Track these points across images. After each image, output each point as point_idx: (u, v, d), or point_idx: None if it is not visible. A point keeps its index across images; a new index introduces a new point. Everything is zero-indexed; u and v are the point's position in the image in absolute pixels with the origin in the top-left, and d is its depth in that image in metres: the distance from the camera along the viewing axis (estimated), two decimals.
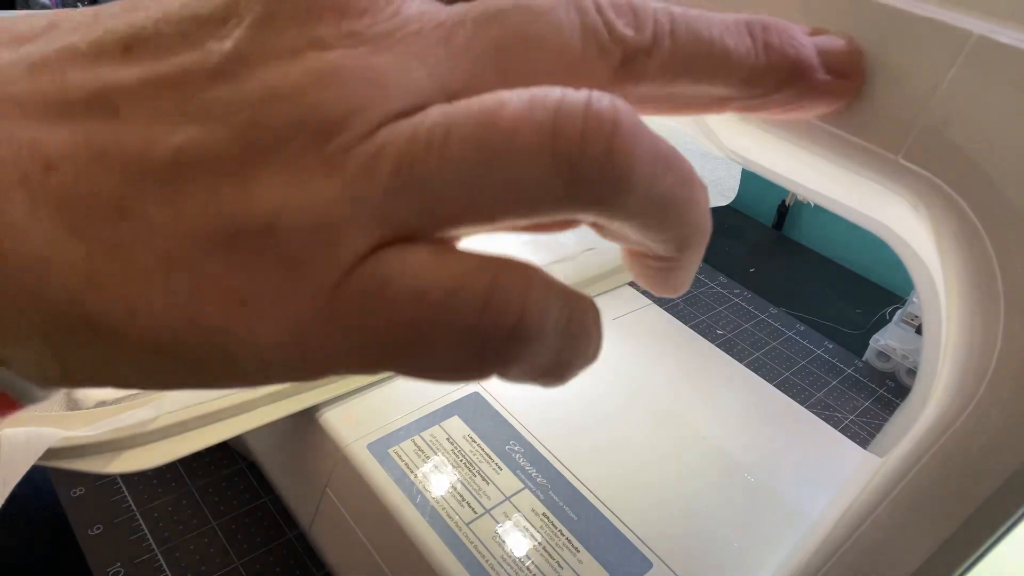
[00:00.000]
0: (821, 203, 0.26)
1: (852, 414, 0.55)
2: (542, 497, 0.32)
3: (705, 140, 0.28)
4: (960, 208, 0.17)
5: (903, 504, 0.19)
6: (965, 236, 0.17)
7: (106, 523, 0.40)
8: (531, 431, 0.35)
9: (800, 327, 0.64)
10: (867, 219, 0.24)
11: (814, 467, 0.37)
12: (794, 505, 0.35)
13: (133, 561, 0.38)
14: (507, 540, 0.30)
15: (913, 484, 0.19)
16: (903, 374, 0.60)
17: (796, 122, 0.20)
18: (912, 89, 0.18)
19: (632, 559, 0.30)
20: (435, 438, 0.34)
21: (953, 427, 0.18)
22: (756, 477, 0.36)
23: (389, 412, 0.35)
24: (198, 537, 0.40)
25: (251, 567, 0.39)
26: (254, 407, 0.32)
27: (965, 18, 0.16)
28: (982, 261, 0.17)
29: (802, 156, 0.22)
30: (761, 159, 0.26)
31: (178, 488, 0.42)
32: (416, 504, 0.31)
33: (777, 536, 0.33)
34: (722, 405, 0.40)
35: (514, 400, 0.37)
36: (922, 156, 0.18)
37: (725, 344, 0.60)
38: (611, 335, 0.43)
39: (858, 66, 0.18)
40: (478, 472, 0.33)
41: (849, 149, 0.19)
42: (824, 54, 0.17)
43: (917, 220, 0.19)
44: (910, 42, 0.17)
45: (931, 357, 0.20)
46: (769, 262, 0.76)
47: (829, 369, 0.60)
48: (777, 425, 0.39)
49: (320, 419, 0.34)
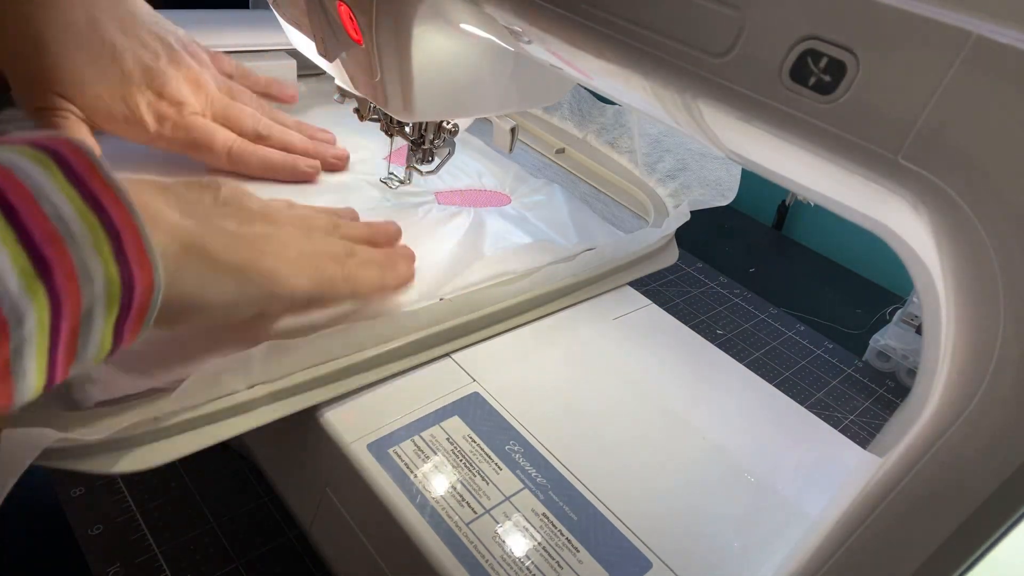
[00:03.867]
0: (821, 203, 0.26)
1: (852, 414, 0.55)
2: (542, 497, 0.32)
3: (705, 140, 0.28)
4: (960, 208, 0.17)
5: (903, 504, 0.19)
6: (965, 236, 0.17)
7: (106, 523, 0.40)
8: (531, 431, 0.35)
9: (800, 327, 0.64)
10: (867, 219, 0.24)
11: (814, 467, 0.37)
12: (794, 505, 0.35)
13: (133, 561, 0.38)
14: (507, 540, 0.30)
15: (913, 484, 0.19)
16: (903, 374, 0.60)
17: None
18: (912, 89, 0.18)
19: (632, 559, 0.30)
20: (435, 438, 0.34)
21: (953, 427, 0.18)
22: (756, 477, 0.36)
23: (389, 412, 0.35)
24: (198, 537, 0.40)
25: (251, 567, 0.39)
26: (254, 407, 0.32)
27: (965, 18, 0.16)
28: (982, 261, 0.17)
29: (802, 156, 0.22)
30: (761, 159, 0.26)
31: (178, 488, 0.42)
32: (416, 504, 0.31)
33: (777, 536, 0.33)
34: (722, 405, 0.40)
35: (514, 400, 0.37)
36: (922, 156, 0.18)
37: (725, 344, 0.60)
38: (611, 335, 0.43)
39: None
40: (478, 472, 0.33)
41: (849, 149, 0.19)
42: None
43: (917, 220, 0.19)
44: (910, 42, 0.17)
45: (931, 357, 0.20)
46: (769, 262, 0.76)
47: (829, 369, 0.60)
48: (777, 425, 0.39)
49: (320, 419, 0.34)
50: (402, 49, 0.35)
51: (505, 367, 0.39)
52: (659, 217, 0.53)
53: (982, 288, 0.17)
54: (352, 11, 0.35)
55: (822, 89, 0.19)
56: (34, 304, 0.22)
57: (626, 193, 0.57)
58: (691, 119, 0.26)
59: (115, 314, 0.25)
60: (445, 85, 0.38)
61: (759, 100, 0.21)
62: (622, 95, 0.30)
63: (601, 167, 0.59)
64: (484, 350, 0.40)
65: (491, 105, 0.41)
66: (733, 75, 0.21)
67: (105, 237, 0.23)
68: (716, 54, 0.21)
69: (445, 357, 0.39)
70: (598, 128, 0.61)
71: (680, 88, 0.24)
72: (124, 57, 0.42)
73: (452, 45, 0.36)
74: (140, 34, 0.43)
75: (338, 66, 0.41)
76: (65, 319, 0.23)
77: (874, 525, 0.20)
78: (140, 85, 0.43)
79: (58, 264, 0.22)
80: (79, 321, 0.23)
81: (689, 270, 0.70)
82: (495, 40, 0.35)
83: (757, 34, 0.20)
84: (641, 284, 0.49)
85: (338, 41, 0.38)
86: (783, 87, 0.20)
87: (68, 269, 0.22)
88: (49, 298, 0.22)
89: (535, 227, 0.50)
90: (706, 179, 0.54)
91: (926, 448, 0.19)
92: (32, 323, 0.22)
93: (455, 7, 0.33)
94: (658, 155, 0.57)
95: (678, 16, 0.22)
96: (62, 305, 0.22)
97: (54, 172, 0.23)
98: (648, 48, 0.23)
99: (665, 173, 0.56)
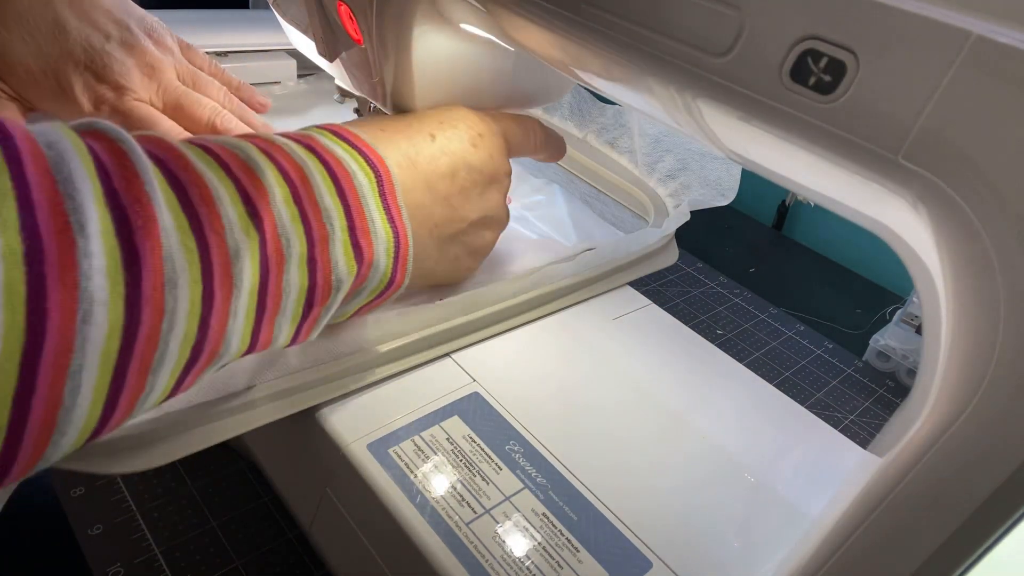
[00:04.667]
0: (821, 203, 0.26)
1: (852, 414, 0.55)
2: (542, 497, 0.32)
3: (705, 140, 0.28)
4: (960, 208, 0.17)
5: (903, 504, 0.19)
6: (965, 236, 0.17)
7: (106, 523, 0.40)
8: (531, 431, 0.35)
9: (800, 327, 0.64)
10: (867, 219, 0.24)
11: (814, 467, 0.37)
12: (794, 505, 0.35)
13: (133, 561, 0.38)
14: (507, 540, 0.30)
15: (913, 484, 0.19)
16: (903, 374, 0.60)
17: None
18: (912, 89, 0.18)
19: (632, 559, 0.30)
20: (435, 438, 0.34)
21: (953, 427, 0.18)
22: (756, 477, 0.36)
23: (389, 412, 0.35)
24: (198, 537, 0.40)
25: (251, 567, 0.39)
26: (254, 407, 0.32)
27: (965, 18, 0.16)
28: (982, 261, 0.17)
29: (802, 156, 0.22)
30: (761, 159, 0.26)
31: (178, 488, 0.42)
32: (416, 504, 0.31)
33: (777, 536, 0.33)
34: (722, 405, 0.40)
35: (514, 400, 0.37)
36: (922, 156, 0.18)
37: (725, 344, 0.60)
38: (611, 335, 0.43)
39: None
40: (478, 472, 0.33)
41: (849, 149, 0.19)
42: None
43: (917, 220, 0.19)
44: (910, 42, 0.17)
45: (931, 357, 0.20)
46: (769, 262, 0.76)
47: (829, 369, 0.60)
48: (777, 425, 0.39)
49: (320, 419, 0.34)
50: (402, 49, 0.35)
51: (505, 367, 0.39)
52: (659, 217, 0.53)
53: (982, 288, 0.17)
54: (352, 11, 0.35)
55: (822, 89, 0.19)
56: (347, 279, 0.30)
57: (626, 193, 0.57)
58: (691, 119, 0.26)
59: (369, 300, 0.33)
60: (445, 85, 0.38)
61: (759, 100, 0.21)
62: (622, 95, 0.30)
63: (601, 167, 0.59)
64: (484, 350, 0.40)
65: (491, 105, 0.41)
66: (733, 75, 0.21)
67: (394, 248, 0.32)
68: (716, 54, 0.21)
69: (445, 357, 0.39)
70: (598, 128, 0.61)
71: (680, 88, 0.24)
72: (68, 36, 0.40)
73: (452, 45, 0.36)
74: (94, 15, 0.41)
75: (338, 66, 0.41)
76: (351, 292, 0.31)
77: (874, 525, 0.20)
78: (79, 66, 0.41)
79: (369, 252, 0.30)
80: (352, 296, 0.32)
81: (689, 270, 0.70)
82: (495, 40, 0.35)
83: (757, 34, 0.20)
84: (641, 284, 0.49)
85: (338, 41, 0.38)
86: (783, 87, 0.20)
87: (369, 259, 0.31)
88: (357, 274, 0.30)
89: (535, 227, 0.50)
90: (706, 179, 0.54)
91: (926, 448, 0.19)
92: (342, 294, 0.30)
93: (455, 7, 0.33)
94: (658, 155, 0.57)
95: (678, 16, 0.22)
96: (354, 284, 0.30)
97: (376, 193, 0.32)
98: (648, 48, 0.23)
99: (665, 173, 0.56)
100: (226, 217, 0.24)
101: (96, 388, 0.20)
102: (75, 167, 0.19)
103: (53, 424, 0.19)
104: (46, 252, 0.18)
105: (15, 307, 0.17)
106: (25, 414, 0.18)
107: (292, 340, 0.30)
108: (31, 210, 0.18)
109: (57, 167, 0.19)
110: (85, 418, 0.20)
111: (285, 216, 0.27)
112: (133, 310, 0.20)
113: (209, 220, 0.23)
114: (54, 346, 0.18)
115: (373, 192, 0.31)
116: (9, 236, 0.17)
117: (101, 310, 0.19)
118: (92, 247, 0.19)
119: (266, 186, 0.26)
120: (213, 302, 0.23)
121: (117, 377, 0.21)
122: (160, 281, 0.21)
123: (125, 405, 0.22)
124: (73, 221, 0.19)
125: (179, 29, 0.46)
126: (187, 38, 0.46)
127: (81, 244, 0.19)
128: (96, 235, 0.19)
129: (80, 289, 0.19)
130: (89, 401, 0.20)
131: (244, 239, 0.25)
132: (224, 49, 0.55)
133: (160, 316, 0.21)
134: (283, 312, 0.27)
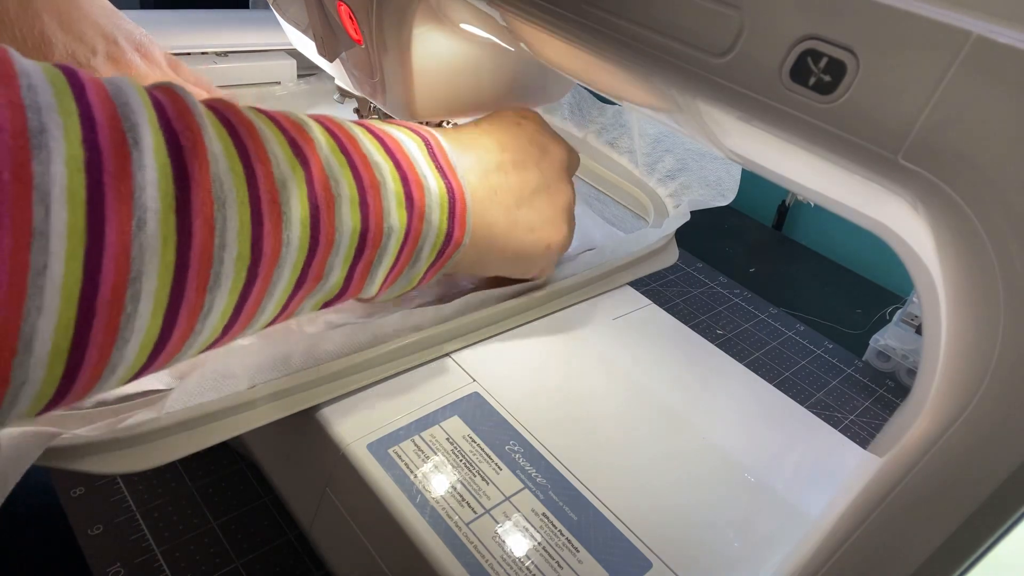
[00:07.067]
0: (821, 203, 0.26)
1: (852, 414, 0.55)
2: (542, 497, 0.32)
3: (705, 140, 0.28)
4: (960, 208, 0.17)
5: (903, 504, 0.19)
6: (965, 236, 0.17)
7: (106, 523, 0.40)
8: (531, 431, 0.35)
9: (800, 327, 0.64)
10: (867, 219, 0.24)
11: (814, 467, 0.37)
12: (794, 505, 0.35)
13: (133, 561, 0.38)
14: (507, 540, 0.30)
15: (913, 484, 0.19)
16: (903, 374, 0.60)
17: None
18: (912, 89, 0.18)
19: (632, 559, 0.30)
20: (435, 438, 0.34)
21: (953, 427, 0.18)
22: (756, 477, 0.36)
23: (389, 412, 0.35)
24: (198, 537, 0.40)
25: (251, 567, 0.39)
26: (254, 407, 0.32)
27: (965, 18, 0.16)
28: (982, 261, 0.17)
29: (802, 156, 0.22)
30: (761, 159, 0.26)
31: (178, 488, 0.42)
32: (416, 504, 0.31)
33: (777, 536, 0.33)
34: (722, 405, 0.40)
35: (514, 400, 0.37)
36: (922, 156, 0.18)
37: (725, 344, 0.60)
38: (611, 335, 0.43)
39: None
40: (478, 472, 0.33)
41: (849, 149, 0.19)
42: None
43: (917, 220, 0.19)
44: (910, 42, 0.17)
45: (931, 357, 0.20)
46: (769, 262, 0.76)
47: (829, 369, 0.60)
48: (777, 425, 0.39)
49: (320, 419, 0.34)
50: (402, 49, 0.35)
51: (505, 367, 0.39)
52: (659, 217, 0.53)
53: (982, 288, 0.17)
54: (352, 11, 0.35)
55: (822, 89, 0.19)
56: (398, 228, 0.31)
57: (626, 193, 0.57)
58: (691, 119, 0.26)
59: (432, 259, 0.34)
60: (445, 85, 0.38)
61: (759, 100, 0.21)
62: (622, 95, 0.30)
63: (601, 167, 0.59)
64: (484, 350, 0.40)
65: (491, 105, 0.41)
66: (733, 75, 0.21)
67: (449, 202, 0.33)
68: (716, 54, 0.21)
69: (445, 357, 0.39)
70: (598, 128, 0.61)
71: (680, 88, 0.24)
72: (53, 49, 0.40)
73: (452, 45, 0.36)
74: (81, 28, 0.41)
75: (338, 66, 0.41)
76: (407, 247, 0.32)
77: (874, 525, 0.20)
78: None
79: (420, 203, 0.32)
80: (412, 255, 0.32)
81: (689, 270, 0.70)
82: (495, 40, 0.35)
83: (757, 34, 0.20)
84: (641, 284, 0.49)
85: (338, 41, 0.38)
86: (783, 87, 0.20)
87: (421, 210, 0.32)
88: (408, 225, 0.31)
89: None
90: (706, 179, 0.54)
91: (926, 448, 0.19)
92: (394, 242, 0.31)
93: (455, 7, 0.33)
94: (658, 155, 0.57)
95: (678, 16, 0.22)
96: (408, 236, 0.31)
97: (425, 153, 0.33)
98: (648, 48, 0.23)
99: (665, 173, 0.56)
100: (272, 153, 0.25)
101: (156, 298, 0.21)
102: (132, 96, 0.21)
103: (116, 329, 0.20)
104: (104, 162, 0.20)
105: (77, 210, 0.19)
106: (90, 316, 0.20)
107: (344, 286, 0.30)
108: (92, 125, 0.20)
109: (116, 95, 0.21)
110: (146, 328, 0.21)
111: (333, 162, 0.28)
112: (184, 222, 0.22)
113: (256, 152, 0.25)
114: (113, 251, 0.20)
115: (423, 153, 0.33)
116: (72, 146, 0.19)
117: (153, 219, 0.21)
118: (145, 160, 0.21)
119: (312, 137, 0.28)
120: (263, 227, 0.24)
121: (176, 289, 0.22)
122: (209, 198, 0.22)
123: (185, 322, 0.23)
124: (129, 137, 0.20)
125: (179, 29, 0.46)
126: (187, 38, 0.46)
127: (135, 156, 0.20)
128: (149, 149, 0.21)
129: (134, 199, 0.20)
130: (150, 310, 0.21)
131: (291, 174, 0.26)
132: (224, 49, 0.55)
133: (211, 231, 0.22)
134: (336, 251, 0.28)
